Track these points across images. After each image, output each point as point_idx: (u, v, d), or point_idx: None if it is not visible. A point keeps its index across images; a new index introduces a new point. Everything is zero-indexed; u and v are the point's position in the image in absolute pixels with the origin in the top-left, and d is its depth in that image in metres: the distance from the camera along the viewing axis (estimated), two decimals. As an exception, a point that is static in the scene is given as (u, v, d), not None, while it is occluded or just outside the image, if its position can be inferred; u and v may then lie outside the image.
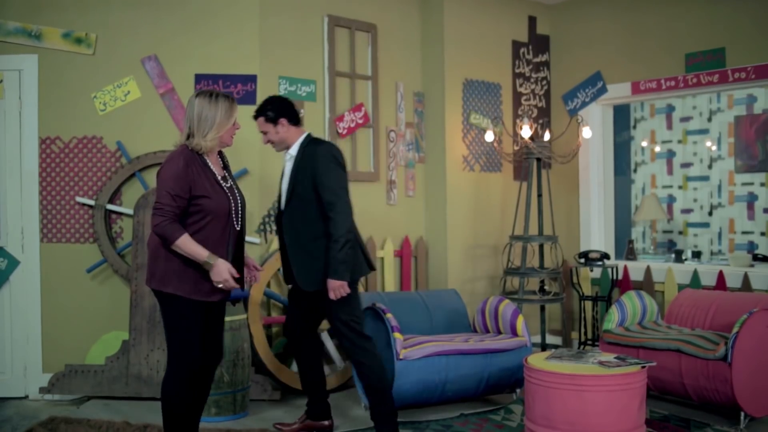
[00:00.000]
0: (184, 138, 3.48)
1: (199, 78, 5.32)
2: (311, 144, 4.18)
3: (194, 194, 3.40)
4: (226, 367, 4.57)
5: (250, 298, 5.02)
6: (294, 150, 4.18)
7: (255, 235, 5.39)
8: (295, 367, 5.25)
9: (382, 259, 6.09)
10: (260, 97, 5.38)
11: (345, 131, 5.84)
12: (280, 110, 4.16)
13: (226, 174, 3.61)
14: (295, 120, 4.21)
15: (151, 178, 5.17)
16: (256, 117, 4.23)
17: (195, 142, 3.44)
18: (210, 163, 3.51)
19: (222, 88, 5.34)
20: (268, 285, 5.33)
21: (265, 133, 4.22)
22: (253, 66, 5.39)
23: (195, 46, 5.32)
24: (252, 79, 5.38)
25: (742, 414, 4.44)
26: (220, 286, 3.41)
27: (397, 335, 4.54)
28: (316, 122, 5.69)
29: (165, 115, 5.28)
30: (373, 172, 6.02)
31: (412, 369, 4.53)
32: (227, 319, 4.61)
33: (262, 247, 5.41)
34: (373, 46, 6.05)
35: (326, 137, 5.72)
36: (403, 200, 6.25)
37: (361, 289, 5.66)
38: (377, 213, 6.07)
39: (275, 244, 5.39)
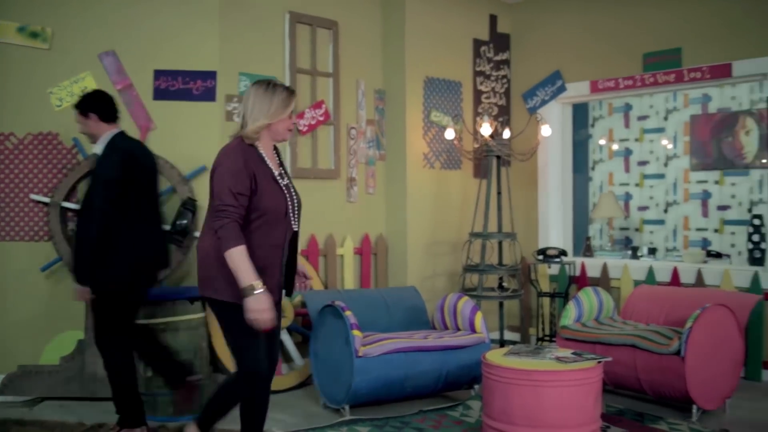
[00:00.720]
0: (238, 129, 3.30)
1: (158, 74, 5.26)
2: (112, 142, 4.15)
3: (253, 191, 3.19)
4: (184, 365, 4.54)
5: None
6: (98, 147, 4.18)
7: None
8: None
9: (342, 256, 6.09)
10: (220, 94, 5.36)
11: (306, 128, 5.82)
12: (91, 105, 4.16)
13: (282, 171, 3.39)
14: (107, 116, 4.19)
15: (108, 174, 5.10)
16: (74, 107, 4.24)
17: (247, 131, 3.25)
18: (267, 158, 3.30)
19: (181, 84, 5.29)
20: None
21: (80, 123, 4.22)
22: (212, 62, 5.35)
23: (154, 41, 5.27)
24: (211, 75, 5.34)
25: (695, 407, 4.53)
26: (253, 317, 3.07)
27: (356, 333, 4.54)
28: (276, 119, 5.67)
29: (122, 112, 5.19)
30: (333, 169, 6.02)
31: (372, 366, 4.54)
32: (185, 317, 4.58)
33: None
34: (334, 43, 6.04)
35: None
36: (363, 198, 6.26)
37: (318, 286, 5.66)
38: (337, 210, 6.07)
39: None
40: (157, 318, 4.52)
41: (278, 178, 3.29)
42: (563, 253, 6.34)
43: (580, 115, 8.88)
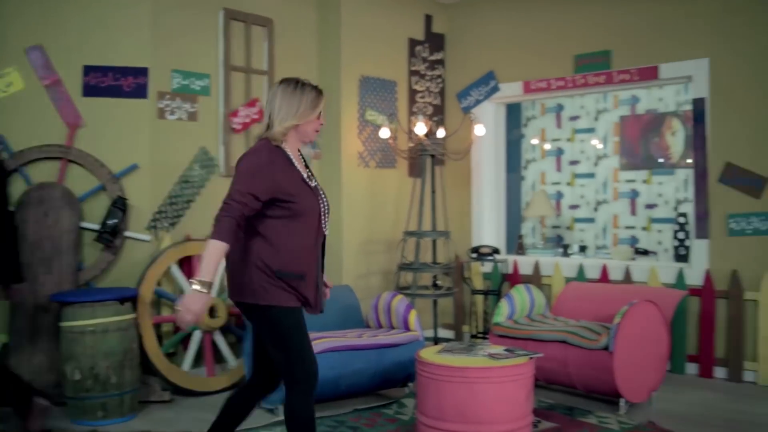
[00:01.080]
0: (264, 130, 3.17)
1: (87, 70, 5.14)
2: None
3: (281, 196, 3.03)
4: (113, 368, 4.45)
5: (139, 297, 4.90)
6: None
7: (145, 232, 5.26)
8: (186, 366, 5.17)
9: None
10: (152, 91, 5.27)
11: (240, 126, 5.77)
12: None
13: (310, 173, 3.24)
14: None
15: (35, 173, 4.97)
16: None
17: (274, 132, 3.12)
18: (294, 160, 3.14)
19: (112, 80, 5.18)
20: (159, 284, 5.22)
21: None
22: (144, 58, 5.26)
23: (84, 36, 5.14)
24: (143, 72, 5.24)
25: (622, 400, 4.65)
26: (182, 311, 2.87)
27: (291, 332, 4.52)
28: (210, 117, 5.61)
29: (50, 108, 5.07)
30: (268, 167, 5.97)
31: (306, 365, 4.52)
32: (114, 319, 4.48)
33: (152, 244, 5.29)
34: (269, 40, 6.00)
35: (221, 133, 5.65)
36: (298, 196, 6.22)
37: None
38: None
39: (166, 241, 5.28)
40: (85, 320, 4.41)
41: (307, 180, 3.16)
42: (496, 251, 6.43)
43: (514, 115, 9.01)
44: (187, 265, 5.32)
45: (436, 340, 6.28)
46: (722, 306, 5.59)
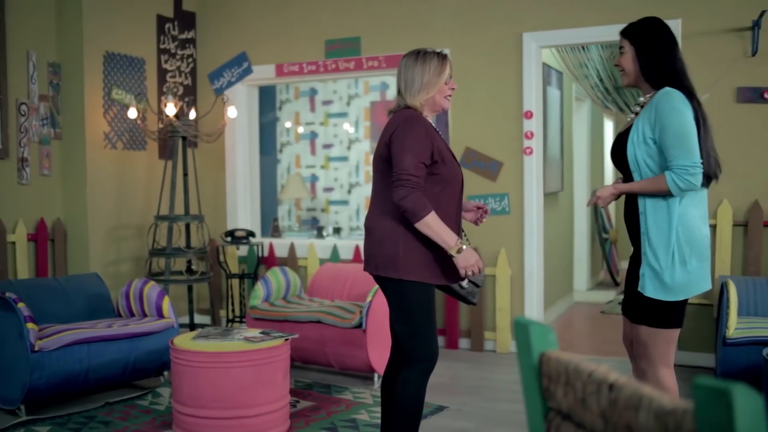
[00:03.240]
0: (403, 102, 3.09)
1: None
2: None
3: (439, 162, 3.00)
4: None
5: None
6: None
7: None
8: None
9: (14, 243, 5.59)
10: None
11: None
12: None
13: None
14: None
15: None
16: None
17: (408, 103, 3.07)
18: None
19: None
20: None
21: None
22: None
23: None
24: None
25: (376, 375, 4.84)
26: (467, 273, 2.99)
27: (30, 326, 4.20)
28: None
29: None
30: (1, 148, 5.48)
31: (50, 360, 4.23)
32: None
33: None
34: (0, 9, 5.49)
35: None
36: (37, 179, 5.78)
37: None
38: (7, 193, 5.55)
39: None
40: None
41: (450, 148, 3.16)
42: (251, 234, 6.40)
43: (268, 97, 9.02)
44: None
45: (193, 326, 6.15)
46: (464, 281, 5.98)
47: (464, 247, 2.97)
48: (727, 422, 0.86)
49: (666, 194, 2.83)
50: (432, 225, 2.92)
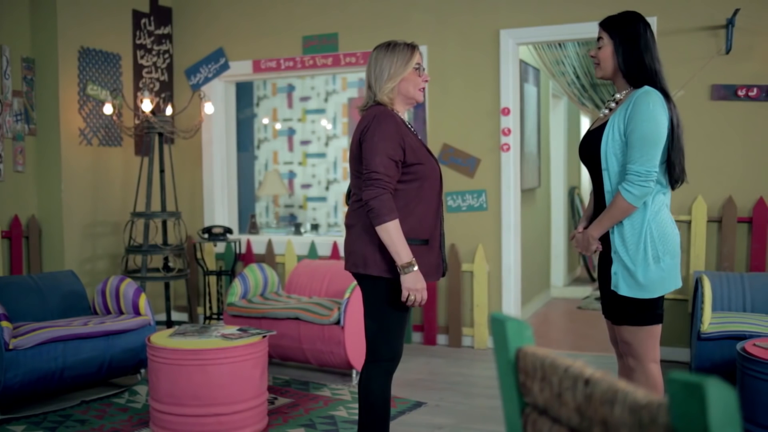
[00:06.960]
0: (373, 97, 3.04)
1: None
2: None
3: (409, 159, 2.95)
4: None
5: None
6: None
7: None
8: None
9: (-12, 241, 5.53)
10: None
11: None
12: None
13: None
14: None
15: None
16: None
17: (380, 98, 3.02)
18: (409, 124, 3.08)
19: None
20: None
21: None
22: None
23: None
24: None
25: (354, 371, 4.84)
26: (411, 296, 2.90)
27: (4, 324, 4.15)
28: None
29: None
30: (-26, 144, 5.42)
31: (24, 359, 4.18)
32: None
33: None
34: (-30, 3, 5.42)
35: None
36: (11, 176, 5.72)
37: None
38: (-20, 190, 5.49)
39: None
40: None
41: (424, 143, 3.13)
42: (229, 231, 6.38)
43: (245, 93, 8.98)
44: None
45: (170, 324, 6.11)
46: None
47: (415, 269, 2.89)
48: (701, 416, 0.87)
49: (631, 209, 2.81)
50: (392, 233, 2.86)
